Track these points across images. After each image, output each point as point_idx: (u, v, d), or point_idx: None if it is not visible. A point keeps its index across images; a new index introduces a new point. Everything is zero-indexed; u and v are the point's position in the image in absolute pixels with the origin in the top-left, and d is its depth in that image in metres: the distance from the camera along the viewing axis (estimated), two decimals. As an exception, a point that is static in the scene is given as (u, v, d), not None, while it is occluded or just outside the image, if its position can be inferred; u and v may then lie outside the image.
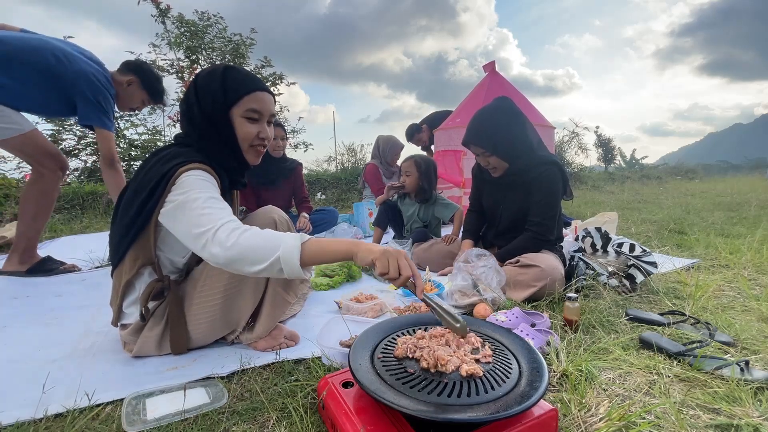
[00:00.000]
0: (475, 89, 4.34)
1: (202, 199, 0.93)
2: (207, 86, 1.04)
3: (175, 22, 5.72)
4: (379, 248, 0.85)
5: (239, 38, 6.23)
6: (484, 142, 1.69)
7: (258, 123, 1.09)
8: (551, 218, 1.69)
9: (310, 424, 0.82)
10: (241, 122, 1.06)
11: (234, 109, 1.05)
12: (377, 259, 0.84)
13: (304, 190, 3.01)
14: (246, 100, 1.05)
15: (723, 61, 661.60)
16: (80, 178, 5.31)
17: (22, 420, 0.84)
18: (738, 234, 2.85)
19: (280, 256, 0.86)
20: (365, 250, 0.86)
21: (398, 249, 0.86)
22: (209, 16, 6.06)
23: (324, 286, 1.82)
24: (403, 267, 0.83)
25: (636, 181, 9.78)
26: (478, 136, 1.70)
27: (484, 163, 1.77)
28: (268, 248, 0.87)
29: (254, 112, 1.06)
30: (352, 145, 8.60)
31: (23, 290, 1.82)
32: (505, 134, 1.67)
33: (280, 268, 0.87)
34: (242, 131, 1.06)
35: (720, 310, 1.45)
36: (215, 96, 1.03)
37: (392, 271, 0.83)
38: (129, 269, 1.06)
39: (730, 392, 0.92)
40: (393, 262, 0.83)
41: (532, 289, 1.53)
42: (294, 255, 0.86)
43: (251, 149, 1.11)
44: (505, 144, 1.67)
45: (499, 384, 0.72)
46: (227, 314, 1.13)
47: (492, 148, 1.68)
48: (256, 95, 1.06)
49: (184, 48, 5.79)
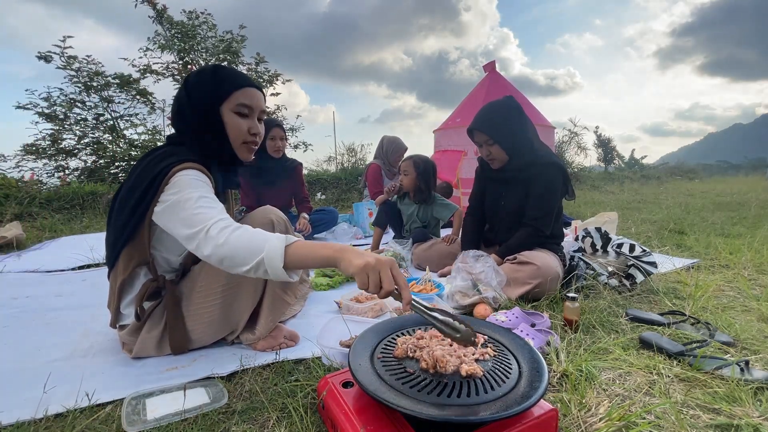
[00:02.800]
0: (475, 89, 4.34)
1: (194, 198, 0.93)
2: (197, 84, 1.05)
3: (166, 24, 5.71)
4: (361, 261, 0.77)
5: (230, 36, 6.21)
6: (489, 129, 1.75)
7: (248, 118, 1.09)
8: (548, 213, 1.71)
9: (310, 424, 0.82)
10: (232, 117, 1.06)
11: (224, 105, 1.05)
12: (356, 273, 0.77)
13: (304, 190, 3.01)
14: (236, 95, 1.05)
15: (724, 60, 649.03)
16: (80, 178, 5.30)
17: (22, 420, 0.84)
18: (738, 234, 2.85)
19: (264, 258, 0.84)
20: (347, 260, 0.80)
21: (385, 259, 0.78)
22: (197, 15, 6.03)
23: (324, 286, 1.82)
24: (385, 281, 0.76)
25: (636, 181, 9.78)
26: (483, 123, 1.76)
27: (485, 153, 1.81)
28: (253, 249, 0.85)
29: (244, 107, 1.07)
30: (352, 145, 8.61)
31: (23, 290, 1.81)
32: (509, 127, 1.74)
33: (264, 270, 0.85)
34: (233, 126, 1.07)
35: (720, 310, 1.45)
36: (206, 92, 1.04)
37: (372, 286, 0.76)
38: (123, 269, 1.06)
39: (730, 392, 0.92)
40: (373, 276, 0.76)
41: (527, 286, 1.55)
42: (277, 258, 0.83)
43: (243, 146, 1.11)
44: (508, 135, 1.74)
45: (499, 384, 0.72)
46: (226, 314, 1.13)
47: (495, 136, 1.74)
48: (245, 90, 1.07)
49: (176, 50, 5.78)
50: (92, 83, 5.43)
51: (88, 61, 5.36)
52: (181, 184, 0.95)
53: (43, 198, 4.23)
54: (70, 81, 5.32)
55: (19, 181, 4.60)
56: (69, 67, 5.24)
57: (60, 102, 5.28)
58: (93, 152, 5.54)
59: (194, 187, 0.96)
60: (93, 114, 5.59)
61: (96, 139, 5.56)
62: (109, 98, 5.61)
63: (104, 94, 5.55)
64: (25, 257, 2.44)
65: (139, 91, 5.75)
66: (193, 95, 1.05)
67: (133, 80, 5.66)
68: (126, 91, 5.70)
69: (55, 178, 5.25)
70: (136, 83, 5.69)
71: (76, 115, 5.47)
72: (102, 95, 5.55)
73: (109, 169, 5.53)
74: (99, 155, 5.52)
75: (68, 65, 5.24)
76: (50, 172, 5.35)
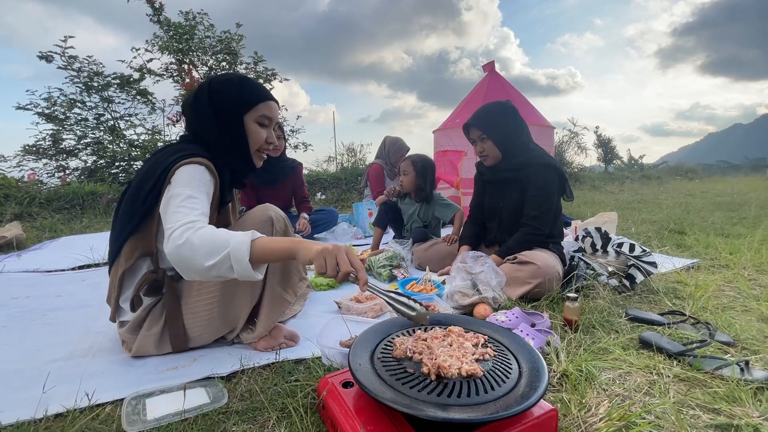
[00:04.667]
0: (475, 89, 4.35)
1: (182, 197, 0.94)
2: (222, 91, 1.10)
3: (164, 26, 5.70)
4: (318, 247, 0.83)
5: (228, 35, 6.21)
6: (483, 125, 1.80)
7: (267, 129, 1.16)
8: (546, 212, 1.72)
9: (310, 424, 0.82)
10: (254, 127, 1.13)
11: (248, 114, 1.11)
12: (314, 258, 0.82)
13: (304, 189, 3.01)
14: (260, 107, 1.12)
15: (726, 60, 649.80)
16: (80, 178, 5.31)
17: (22, 420, 0.84)
18: (738, 234, 2.85)
19: (230, 252, 0.84)
20: (305, 248, 0.84)
21: (341, 245, 0.83)
22: (194, 15, 6.02)
23: (324, 286, 1.82)
24: (342, 263, 0.80)
25: (636, 181, 9.79)
26: (478, 119, 1.82)
27: (479, 150, 1.85)
28: (218, 244, 0.85)
29: (266, 118, 1.14)
30: (352, 145, 8.62)
31: (23, 290, 1.82)
32: (503, 124, 1.79)
33: (230, 265, 0.85)
34: (254, 135, 1.13)
35: (720, 310, 1.45)
36: (232, 99, 1.10)
37: (330, 269, 0.80)
38: (126, 260, 1.07)
39: (730, 392, 0.92)
40: (330, 260, 0.80)
41: (527, 286, 1.55)
42: (243, 251, 0.84)
43: (257, 153, 1.17)
44: (501, 133, 1.78)
45: (499, 384, 0.72)
46: (225, 312, 1.13)
47: (488, 132, 1.79)
48: (268, 104, 1.14)
49: (174, 51, 5.78)
50: (92, 83, 5.44)
51: (89, 61, 5.37)
52: (178, 180, 0.97)
53: (43, 198, 4.23)
54: (71, 81, 5.33)
55: (19, 181, 4.60)
56: (70, 67, 5.25)
57: (60, 102, 5.29)
58: (93, 152, 5.55)
59: (188, 184, 0.97)
60: (93, 114, 5.59)
61: (96, 139, 5.56)
62: (109, 98, 5.61)
63: (104, 94, 5.56)
64: (25, 257, 2.44)
65: (139, 91, 5.75)
66: (216, 101, 1.09)
67: (134, 80, 5.67)
68: (126, 91, 5.70)
69: (56, 179, 5.25)
70: (136, 83, 5.70)
71: (77, 115, 5.48)
72: (102, 95, 5.55)
73: (110, 169, 5.53)
74: (99, 155, 5.53)
75: (69, 65, 5.24)
76: (50, 173, 5.36)
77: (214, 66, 6.18)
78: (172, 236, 0.87)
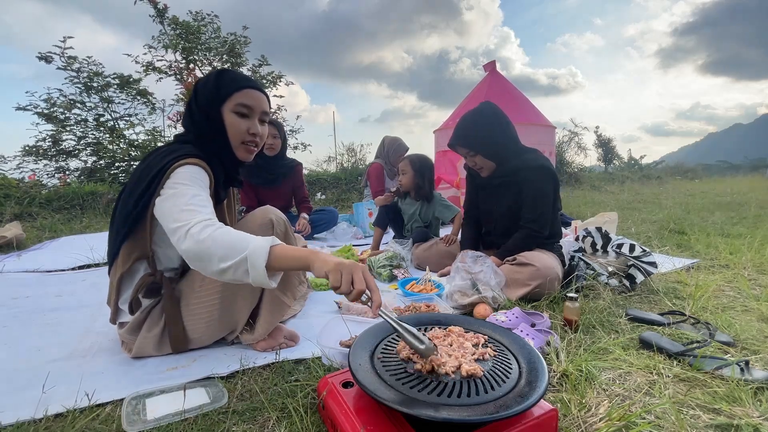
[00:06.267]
0: (476, 89, 4.34)
1: (189, 195, 0.93)
2: (203, 86, 1.10)
3: (171, 24, 5.71)
4: (335, 260, 0.81)
5: (234, 37, 6.23)
6: (467, 142, 1.78)
7: (248, 119, 1.11)
8: (544, 213, 1.72)
9: (310, 424, 0.82)
10: (231, 117, 1.08)
11: (225, 105, 1.08)
12: (330, 271, 0.79)
13: (304, 189, 3.01)
14: (236, 95, 1.08)
15: (726, 60, 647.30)
16: (80, 178, 5.30)
17: (22, 420, 0.84)
18: (738, 234, 2.85)
19: (247, 255, 0.82)
20: (321, 260, 0.82)
21: (357, 263, 0.81)
22: (203, 16, 6.04)
23: (324, 286, 1.82)
24: (357, 281, 0.78)
25: (636, 181, 9.78)
26: (460, 137, 1.79)
27: (471, 164, 1.84)
28: (236, 247, 0.84)
29: (244, 107, 1.09)
30: (352, 145, 8.62)
31: (23, 290, 1.81)
32: (488, 136, 1.75)
33: (245, 269, 0.83)
34: (232, 125, 1.09)
35: (720, 310, 1.45)
36: (208, 93, 1.08)
37: (344, 285, 0.78)
38: (123, 263, 1.06)
39: (730, 392, 0.92)
40: (347, 276, 0.78)
41: (527, 287, 1.55)
42: (261, 256, 0.82)
43: (242, 146, 1.12)
44: (488, 144, 1.75)
45: (499, 384, 0.72)
46: (225, 314, 1.12)
47: (475, 148, 1.76)
48: (246, 92, 1.09)
49: (180, 49, 5.79)
50: (92, 84, 5.43)
51: (88, 61, 5.37)
52: (180, 179, 0.97)
53: (43, 198, 4.23)
54: (71, 82, 5.33)
55: (19, 181, 4.60)
56: (69, 67, 5.25)
57: (60, 103, 5.29)
58: (93, 152, 5.55)
59: (191, 183, 0.97)
60: (93, 114, 5.59)
61: (96, 139, 5.56)
62: (108, 99, 5.61)
63: (104, 94, 5.56)
64: (25, 257, 2.44)
65: (139, 91, 5.75)
66: (198, 96, 1.09)
67: (133, 80, 5.67)
68: (126, 91, 5.70)
69: (56, 179, 5.25)
70: (136, 83, 5.70)
71: (76, 115, 5.47)
72: (102, 96, 5.55)
73: (109, 169, 5.53)
74: (99, 156, 5.52)
75: (68, 66, 5.24)
76: (51, 173, 5.36)
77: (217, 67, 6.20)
78: (190, 232, 0.86)
